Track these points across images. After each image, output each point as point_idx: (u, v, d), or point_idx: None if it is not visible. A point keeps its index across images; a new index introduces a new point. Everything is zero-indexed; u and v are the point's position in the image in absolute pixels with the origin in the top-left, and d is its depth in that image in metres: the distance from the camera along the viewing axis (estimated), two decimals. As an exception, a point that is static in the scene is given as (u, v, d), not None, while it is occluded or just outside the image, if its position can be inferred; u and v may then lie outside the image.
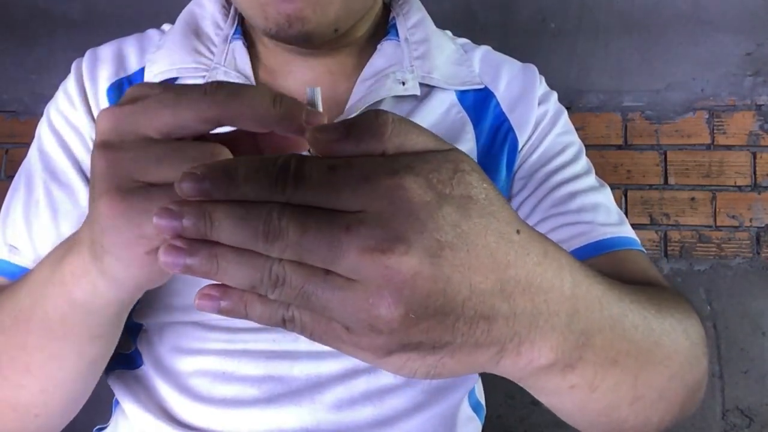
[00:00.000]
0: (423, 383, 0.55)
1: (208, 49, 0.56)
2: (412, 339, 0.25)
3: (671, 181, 1.56)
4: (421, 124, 0.58)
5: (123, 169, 0.29)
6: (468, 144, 0.59)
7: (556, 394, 0.38)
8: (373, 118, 0.25)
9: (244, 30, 0.59)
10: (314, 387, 0.52)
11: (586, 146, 0.67)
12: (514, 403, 1.59)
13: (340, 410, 0.52)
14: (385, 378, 0.54)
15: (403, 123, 0.26)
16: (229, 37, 0.57)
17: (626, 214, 1.57)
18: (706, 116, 1.56)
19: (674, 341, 0.43)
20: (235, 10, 0.59)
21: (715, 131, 1.55)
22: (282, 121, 0.27)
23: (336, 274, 0.24)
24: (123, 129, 0.29)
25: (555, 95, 0.66)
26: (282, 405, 0.51)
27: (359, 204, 0.24)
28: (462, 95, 0.60)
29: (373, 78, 0.56)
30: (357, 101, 0.54)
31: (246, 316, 0.27)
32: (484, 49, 0.67)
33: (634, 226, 1.67)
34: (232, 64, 0.54)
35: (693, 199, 1.55)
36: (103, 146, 0.30)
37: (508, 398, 1.59)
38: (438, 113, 0.58)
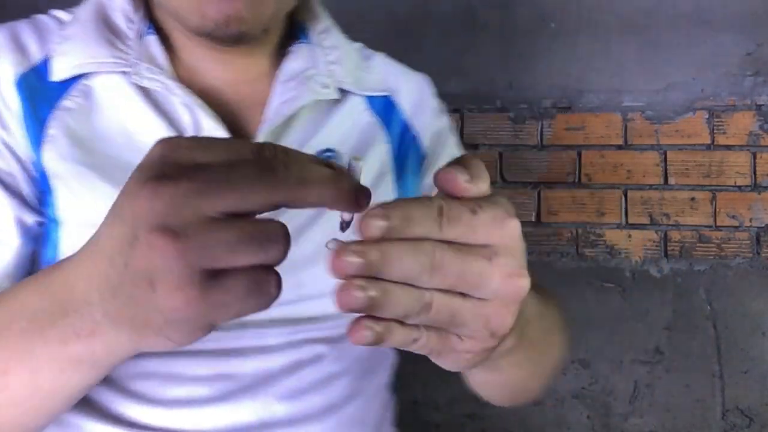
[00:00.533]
0: (359, 371, 0.58)
1: (124, 43, 0.54)
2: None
3: (671, 181, 1.56)
4: (340, 128, 0.57)
5: (194, 260, 0.27)
6: (384, 147, 0.61)
7: (500, 371, 0.46)
8: (474, 163, 0.31)
9: (155, 24, 0.56)
10: (265, 380, 0.52)
11: (586, 146, 0.67)
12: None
13: (292, 400, 0.53)
14: (327, 367, 0.56)
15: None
16: (143, 32, 0.55)
17: (626, 214, 1.57)
18: (706, 116, 1.56)
19: (558, 329, 0.57)
20: (145, 2, 0.57)
21: (715, 131, 1.55)
22: (341, 203, 0.30)
23: (469, 295, 0.30)
24: (184, 212, 0.27)
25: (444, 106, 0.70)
26: (237, 401, 0.51)
27: (490, 240, 0.30)
28: (370, 101, 0.62)
29: (293, 80, 0.56)
30: (282, 103, 0.54)
31: (388, 343, 0.30)
32: (381, 56, 0.68)
33: (633, 226, 1.68)
34: (151, 60, 0.53)
35: (693, 199, 1.56)
36: (165, 233, 0.27)
37: (508, 398, 1.59)
38: (354, 117, 0.60)
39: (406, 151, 0.63)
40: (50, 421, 0.42)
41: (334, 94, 0.57)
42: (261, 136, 0.51)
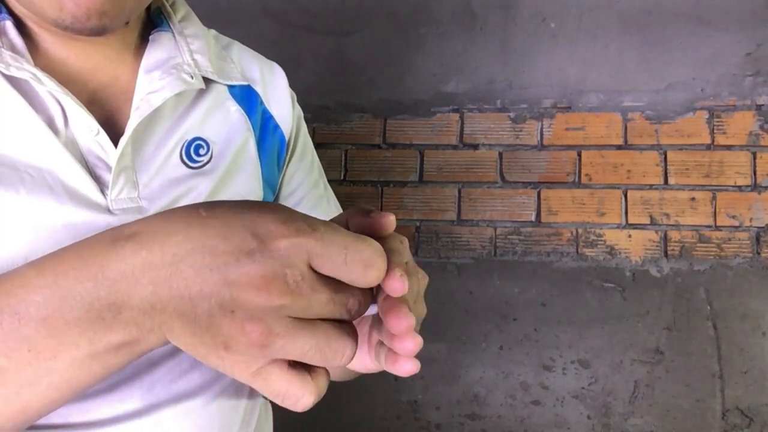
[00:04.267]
0: None
1: None
2: None
3: (671, 181, 1.56)
4: (208, 117, 0.58)
5: (293, 308, 0.32)
6: (249, 136, 0.61)
7: None
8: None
9: (8, 9, 0.53)
10: (148, 367, 0.52)
11: (586, 146, 0.67)
12: (515, 403, 1.59)
13: (173, 382, 0.53)
14: None
15: None
16: None
17: (626, 214, 1.57)
18: (706, 116, 1.56)
19: None
20: None
21: (715, 131, 1.55)
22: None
23: None
24: (298, 266, 0.32)
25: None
26: (122, 390, 0.51)
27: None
28: (231, 90, 0.62)
29: (158, 69, 0.56)
30: (151, 92, 0.54)
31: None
32: (236, 45, 0.68)
33: (634, 226, 1.67)
34: (11, 48, 0.50)
35: (693, 199, 1.55)
36: (277, 278, 0.31)
37: (508, 398, 1.59)
38: (219, 106, 0.60)
39: (270, 141, 0.64)
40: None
41: (200, 83, 0.57)
42: (131, 126, 0.51)
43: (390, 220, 0.38)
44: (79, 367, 0.35)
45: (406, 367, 0.38)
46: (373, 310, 0.39)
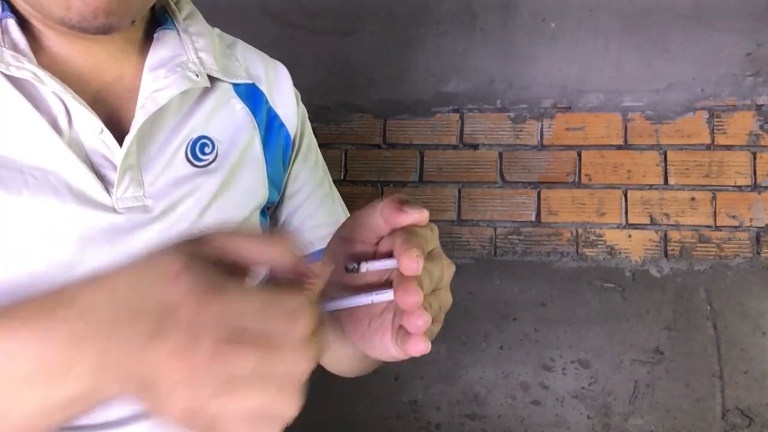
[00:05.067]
0: None
1: None
2: None
3: (671, 181, 1.56)
4: (213, 116, 0.58)
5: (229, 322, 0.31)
6: (255, 135, 0.61)
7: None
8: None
9: (11, 7, 0.53)
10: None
11: (586, 146, 0.67)
12: (515, 403, 1.59)
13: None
14: None
15: None
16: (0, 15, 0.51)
17: (626, 214, 1.57)
18: (706, 116, 1.56)
19: None
20: None
21: (715, 131, 1.55)
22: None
23: None
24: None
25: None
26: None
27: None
28: (236, 88, 0.62)
29: (162, 68, 0.55)
30: (156, 91, 0.53)
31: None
32: (241, 44, 0.68)
33: (634, 226, 1.67)
34: (14, 47, 0.50)
35: (693, 199, 1.55)
36: (212, 296, 0.31)
37: (508, 398, 1.59)
38: (225, 105, 0.60)
39: (275, 139, 0.64)
40: None
41: (206, 81, 0.57)
42: (137, 124, 0.50)
43: (423, 217, 0.39)
44: (35, 422, 0.35)
45: (418, 346, 0.39)
46: (391, 295, 0.39)
